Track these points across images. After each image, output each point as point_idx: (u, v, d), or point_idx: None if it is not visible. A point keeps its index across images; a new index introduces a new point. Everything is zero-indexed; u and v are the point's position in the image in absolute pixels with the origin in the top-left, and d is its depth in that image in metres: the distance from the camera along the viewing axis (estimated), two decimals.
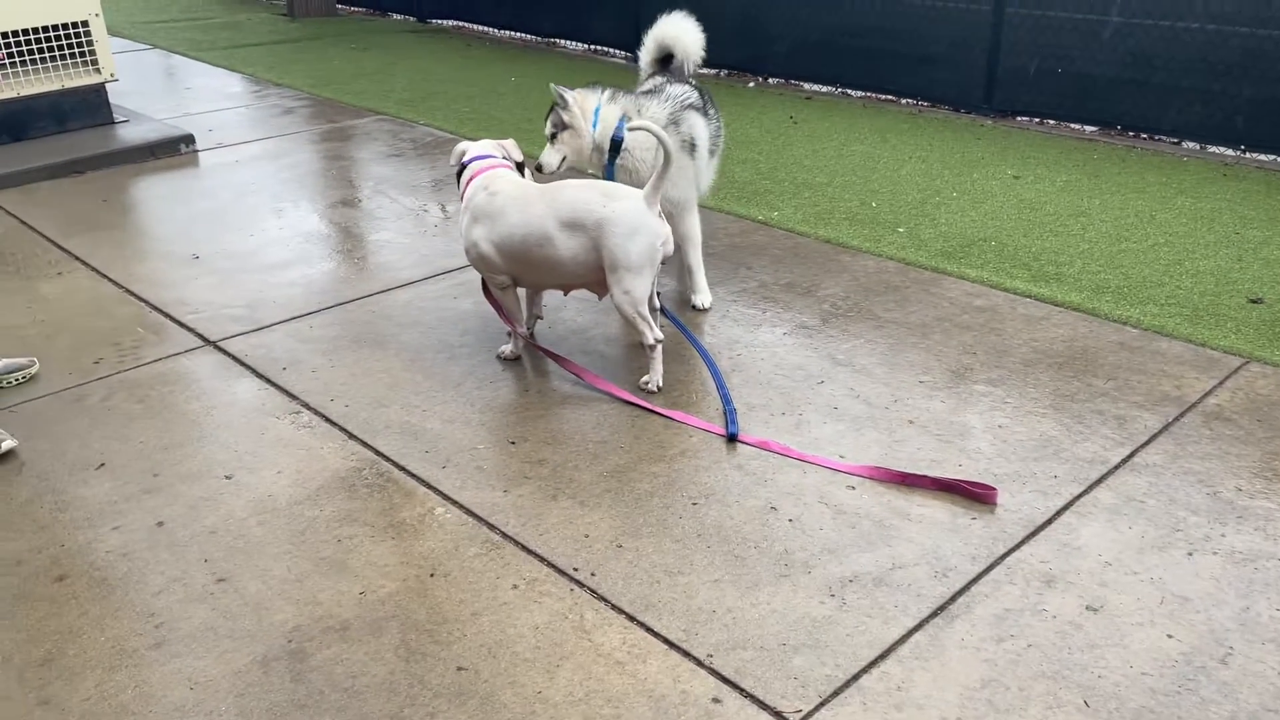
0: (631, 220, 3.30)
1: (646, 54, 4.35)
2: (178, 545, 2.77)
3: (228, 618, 2.50)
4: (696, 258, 4.09)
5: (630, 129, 3.75)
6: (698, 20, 4.26)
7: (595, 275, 3.43)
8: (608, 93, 3.92)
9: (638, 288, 3.35)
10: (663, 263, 3.42)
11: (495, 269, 3.52)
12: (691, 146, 3.94)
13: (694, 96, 4.00)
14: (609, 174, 3.92)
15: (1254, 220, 4.96)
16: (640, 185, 3.59)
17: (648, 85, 4.10)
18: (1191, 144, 6.32)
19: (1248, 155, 6.10)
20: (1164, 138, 6.45)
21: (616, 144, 3.87)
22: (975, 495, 2.87)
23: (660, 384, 3.48)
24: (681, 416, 3.32)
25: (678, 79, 4.12)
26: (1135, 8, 6.34)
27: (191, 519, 2.87)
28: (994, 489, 2.87)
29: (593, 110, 3.89)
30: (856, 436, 3.20)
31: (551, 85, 3.91)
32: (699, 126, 3.97)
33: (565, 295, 4.07)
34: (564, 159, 3.93)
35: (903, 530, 2.76)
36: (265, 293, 4.31)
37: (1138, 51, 6.39)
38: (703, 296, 4.10)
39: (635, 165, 3.89)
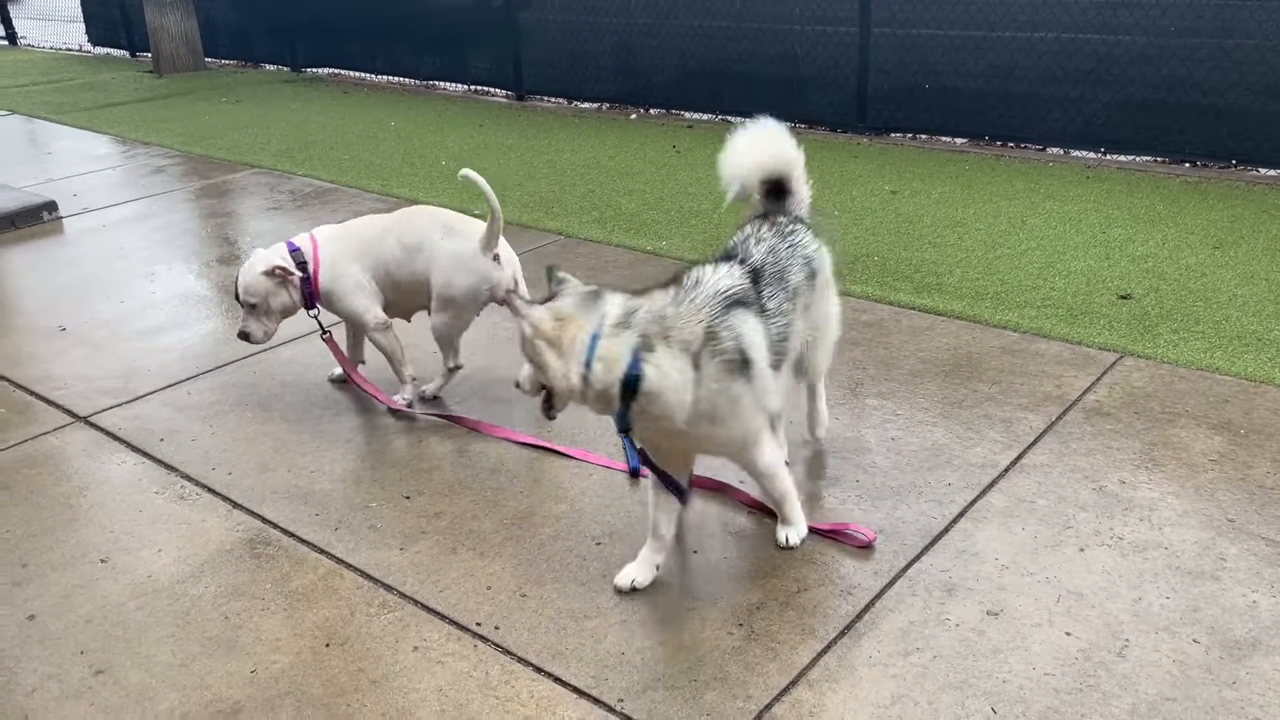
0: (461, 258, 3.45)
1: (739, 185, 3.15)
2: (51, 639, 2.59)
3: (108, 713, 2.34)
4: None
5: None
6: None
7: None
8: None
9: (459, 320, 3.56)
10: (499, 303, 3.52)
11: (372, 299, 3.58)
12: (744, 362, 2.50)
13: (740, 286, 2.54)
14: None
15: (1118, 219, 5.17)
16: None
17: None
18: (1055, 149, 6.59)
19: (1108, 157, 6.38)
20: (1030, 145, 6.70)
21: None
22: (856, 544, 2.77)
23: (432, 392, 3.68)
24: (582, 454, 3.28)
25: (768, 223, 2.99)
26: (993, 21, 6.59)
27: (65, 609, 2.70)
28: (872, 535, 2.76)
29: None
30: None
31: None
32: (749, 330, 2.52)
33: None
34: None
35: (806, 551, 2.75)
36: (139, 361, 4.12)
37: (999, 64, 6.64)
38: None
39: None
